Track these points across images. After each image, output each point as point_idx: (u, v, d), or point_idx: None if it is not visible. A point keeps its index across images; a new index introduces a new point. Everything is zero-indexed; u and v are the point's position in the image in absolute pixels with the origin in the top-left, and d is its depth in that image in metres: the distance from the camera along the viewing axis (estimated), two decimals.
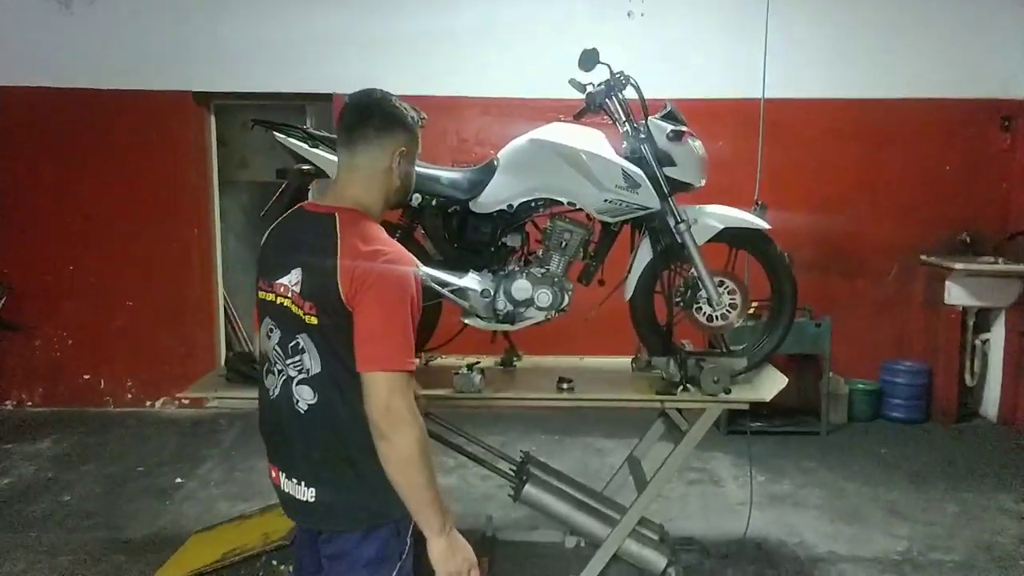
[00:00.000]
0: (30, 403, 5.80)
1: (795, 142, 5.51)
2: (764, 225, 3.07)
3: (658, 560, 3.05)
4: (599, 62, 2.91)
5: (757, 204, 3.53)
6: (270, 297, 1.85)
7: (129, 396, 5.78)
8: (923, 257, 5.63)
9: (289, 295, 1.79)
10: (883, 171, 5.68)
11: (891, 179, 5.69)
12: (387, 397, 1.66)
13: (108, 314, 5.71)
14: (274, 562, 3.18)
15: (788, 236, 5.34)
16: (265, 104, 5.76)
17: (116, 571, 3.46)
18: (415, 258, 1.82)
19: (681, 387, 2.93)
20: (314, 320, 1.74)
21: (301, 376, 1.78)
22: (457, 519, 1.81)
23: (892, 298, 5.75)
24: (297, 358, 1.79)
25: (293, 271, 1.79)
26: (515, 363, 3.43)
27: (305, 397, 1.79)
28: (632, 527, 3.07)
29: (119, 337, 5.73)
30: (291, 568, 2.83)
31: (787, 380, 2.99)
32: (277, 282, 1.82)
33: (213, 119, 5.85)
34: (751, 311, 3.98)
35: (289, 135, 3.03)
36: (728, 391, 2.90)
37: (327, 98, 5.57)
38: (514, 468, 3.33)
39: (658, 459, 3.19)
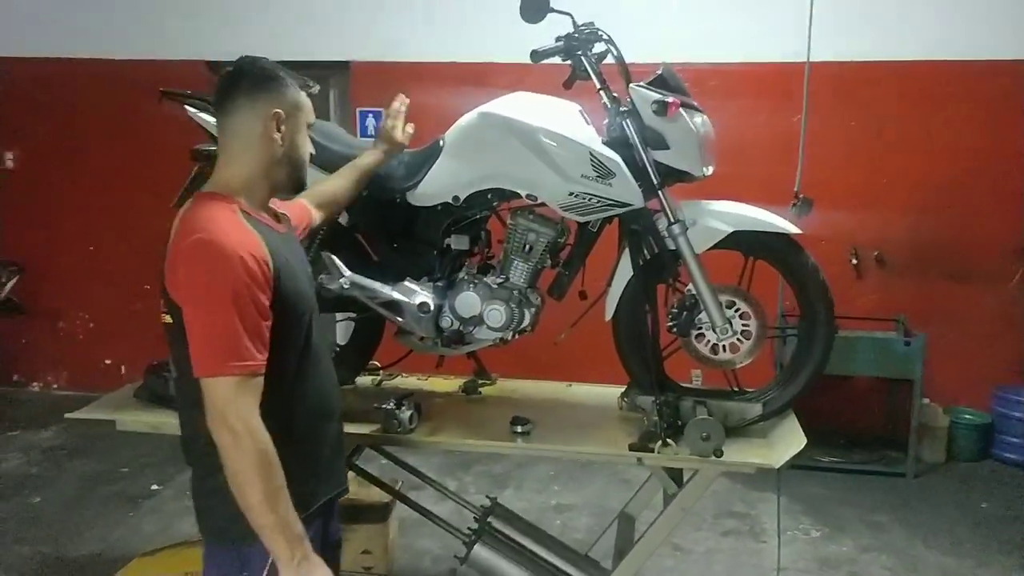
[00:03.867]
0: (56, 386, 5.68)
1: (882, 111, 4.61)
2: (789, 228, 2.30)
3: None
4: (551, 9, 2.20)
5: (797, 199, 2.72)
6: None
7: None
8: None
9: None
10: (1004, 146, 4.58)
11: (1015, 157, 4.59)
12: (220, 406, 1.51)
13: (128, 297, 5.45)
14: None
15: (876, 231, 4.52)
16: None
17: None
18: (248, 241, 1.56)
19: (660, 441, 2.24)
20: (167, 319, 1.63)
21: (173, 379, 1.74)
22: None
23: (1012, 309, 4.68)
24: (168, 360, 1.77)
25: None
26: (480, 391, 2.82)
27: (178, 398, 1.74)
28: None
29: (139, 321, 5.46)
30: None
31: (805, 441, 2.21)
32: None
33: None
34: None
35: (200, 108, 2.55)
36: (720, 453, 2.18)
37: (344, 66, 5.08)
38: (477, 517, 2.74)
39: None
